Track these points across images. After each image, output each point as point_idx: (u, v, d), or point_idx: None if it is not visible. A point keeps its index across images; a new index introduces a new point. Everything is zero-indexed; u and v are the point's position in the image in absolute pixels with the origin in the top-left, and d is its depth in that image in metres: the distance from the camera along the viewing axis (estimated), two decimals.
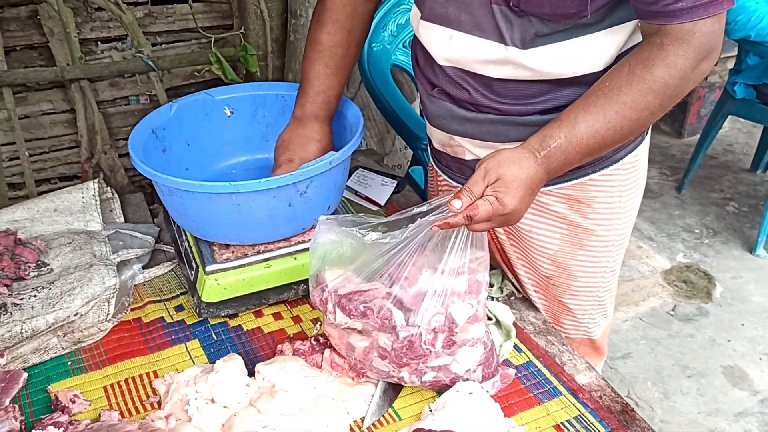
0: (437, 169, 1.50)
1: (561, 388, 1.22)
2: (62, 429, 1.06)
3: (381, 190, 1.75)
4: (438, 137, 1.39)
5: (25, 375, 1.20)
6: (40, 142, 2.14)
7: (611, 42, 1.15)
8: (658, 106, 1.09)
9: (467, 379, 1.14)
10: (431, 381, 1.14)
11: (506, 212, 1.06)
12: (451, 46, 1.21)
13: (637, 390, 2.58)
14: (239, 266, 1.33)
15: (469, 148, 1.33)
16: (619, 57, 1.16)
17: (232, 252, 1.35)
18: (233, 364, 1.16)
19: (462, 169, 1.40)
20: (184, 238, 1.42)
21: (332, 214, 1.42)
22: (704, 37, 1.04)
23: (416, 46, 1.36)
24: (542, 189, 1.26)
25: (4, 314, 1.24)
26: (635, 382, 2.62)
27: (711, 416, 2.48)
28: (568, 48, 1.14)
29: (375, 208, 1.70)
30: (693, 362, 2.71)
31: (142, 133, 1.39)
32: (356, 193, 1.74)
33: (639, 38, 1.16)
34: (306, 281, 1.21)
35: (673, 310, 2.98)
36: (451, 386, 1.13)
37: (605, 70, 1.15)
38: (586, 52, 1.15)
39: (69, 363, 1.25)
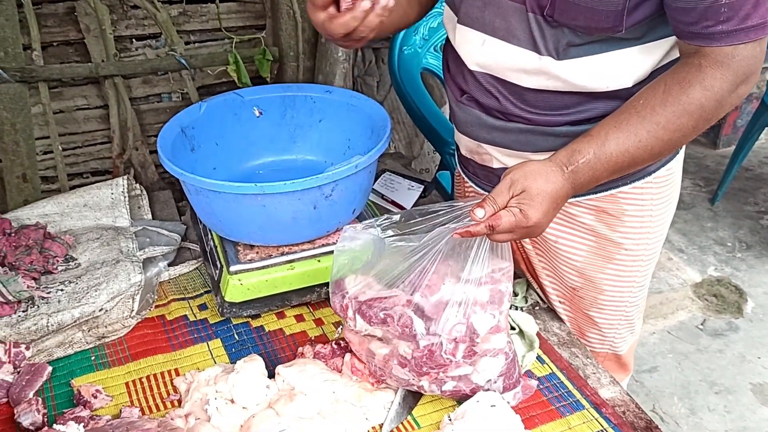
0: (464, 176, 1.49)
1: (584, 402, 1.20)
2: (83, 424, 1.07)
3: (407, 194, 1.74)
4: (466, 144, 1.38)
5: (50, 368, 1.21)
6: (73, 136, 2.18)
7: (647, 58, 1.13)
8: (691, 128, 1.06)
9: (488, 390, 1.13)
10: (451, 390, 1.12)
11: (529, 225, 1.05)
12: (484, 52, 1.20)
13: (662, 405, 2.54)
14: (263, 267, 1.33)
15: (497, 157, 1.32)
16: (654, 73, 1.14)
17: (257, 253, 1.35)
18: (254, 365, 1.16)
19: (489, 177, 1.38)
20: (209, 237, 1.43)
21: (357, 217, 1.42)
22: (744, 61, 1.01)
23: (448, 51, 1.35)
24: (571, 200, 1.24)
25: (31, 307, 1.26)
26: (661, 397, 2.57)
27: None
28: (603, 61, 1.13)
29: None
30: (721, 378, 2.65)
31: (171, 132, 1.40)
32: (382, 196, 1.73)
33: (676, 54, 1.14)
34: (329, 284, 1.21)
35: (702, 324, 2.93)
36: (471, 396, 1.12)
37: (639, 85, 1.13)
38: (621, 67, 1.13)
39: (93, 358, 1.27)
